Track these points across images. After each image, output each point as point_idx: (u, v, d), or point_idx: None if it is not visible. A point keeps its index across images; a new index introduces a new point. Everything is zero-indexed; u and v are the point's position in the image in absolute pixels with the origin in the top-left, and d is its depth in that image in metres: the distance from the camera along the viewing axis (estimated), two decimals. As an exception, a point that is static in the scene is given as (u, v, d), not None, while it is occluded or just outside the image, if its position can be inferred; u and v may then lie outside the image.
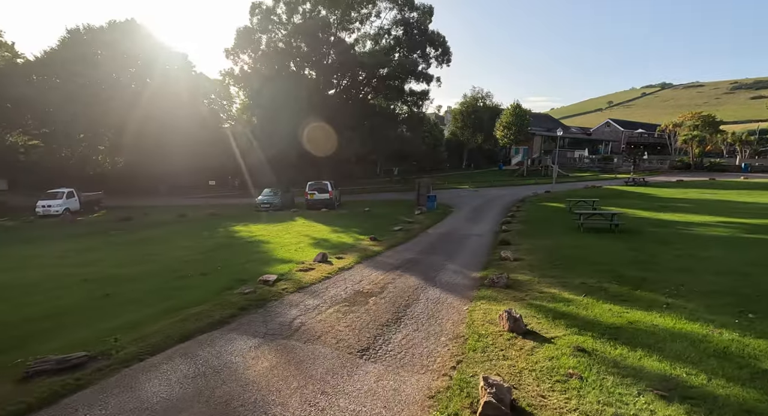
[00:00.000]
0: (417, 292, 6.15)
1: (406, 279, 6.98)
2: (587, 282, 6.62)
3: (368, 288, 6.26)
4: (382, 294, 5.91)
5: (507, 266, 8.09)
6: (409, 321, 4.84)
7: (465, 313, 5.18)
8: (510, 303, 5.40)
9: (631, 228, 12.96)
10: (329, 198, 21.75)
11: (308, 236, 12.99)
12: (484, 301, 5.57)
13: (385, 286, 6.42)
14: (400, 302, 5.60)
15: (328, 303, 5.34)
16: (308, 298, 5.57)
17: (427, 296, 5.98)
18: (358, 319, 4.74)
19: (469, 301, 5.73)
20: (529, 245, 10.77)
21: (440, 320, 4.93)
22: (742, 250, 9.33)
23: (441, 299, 5.86)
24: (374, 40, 31.28)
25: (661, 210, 17.31)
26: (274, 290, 5.74)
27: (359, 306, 5.27)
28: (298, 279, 6.52)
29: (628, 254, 9.13)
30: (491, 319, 4.70)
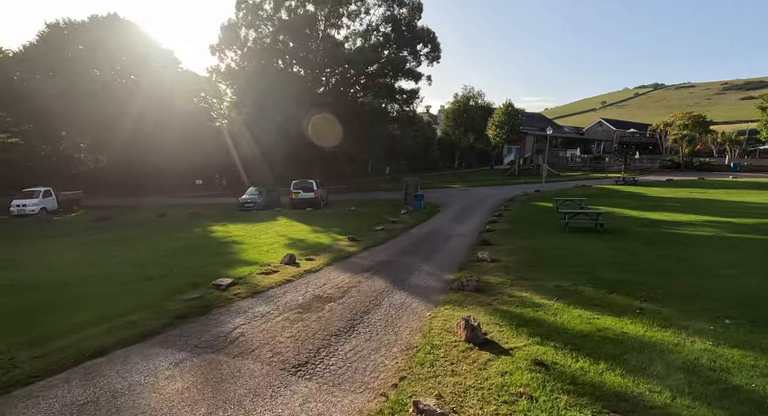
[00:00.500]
0: (381, 297, 5.78)
1: (374, 283, 6.61)
2: (562, 284, 6.30)
3: (330, 293, 5.88)
4: (342, 300, 5.53)
5: (482, 268, 7.76)
6: (363, 329, 4.46)
7: (426, 320, 4.82)
8: (475, 309, 5.05)
9: (616, 228, 12.72)
10: (314, 197, 21.31)
11: (285, 236, 12.57)
12: (449, 307, 5.21)
13: (349, 290, 6.04)
14: (360, 308, 5.22)
15: (279, 310, 4.94)
16: (259, 304, 5.17)
17: (391, 301, 5.61)
18: (307, 328, 4.35)
19: (434, 306, 5.37)
20: (511, 245, 10.47)
21: (398, 328, 4.56)
22: (726, 251, 9.09)
23: (405, 304, 5.49)
24: (364, 37, 30.88)
25: (649, 209, 17.12)
26: (225, 295, 5.33)
27: (312, 313, 4.89)
28: (255, 283, 6.11)
29: (609, 255, 8.85)
30: (450, 327, 4.34)
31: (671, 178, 32.79)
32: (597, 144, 59.11)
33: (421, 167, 47.48)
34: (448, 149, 48.91)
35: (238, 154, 32.53)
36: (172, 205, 24.61)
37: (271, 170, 31.36)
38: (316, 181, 21.79)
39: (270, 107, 28.24)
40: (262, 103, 28.85)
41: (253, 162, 32.12)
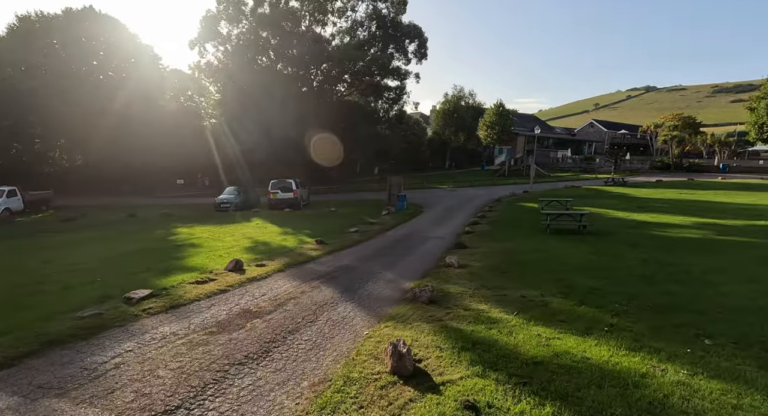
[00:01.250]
0: (321, 311, 5.05)
1: (320, 293, 5.88)
2: (529, 294, 5.62)
3: (262, 306, 5.13)
4: (272, 315, 4.79)
5: (447, 274, 7.07)
6: (279, 355, 3.73)
7: (360, 341, 4.10)
8: (419, 327, 4.34)
9: (600, 230, 12.16)
10: (293, 197, 20.52)
11: (251, 239, 11.79)
12: (390, 324, 4.50)
13: (286, 303, 5.30)
14: (288, 325, 4.49)
15: (187, 330, 4.18)
16: (168, 323, 4.41)
17: (330, 316, 4.88)
18: (207, 355, 3.60)
19: (378, 322, 4.66)
20: (487, 248, 9.81)
21: (322, 352, 3.84)
22: (711, 254, 8.52)
23: (345, 320, 4.77)
24: (349, 34, 30.15)
25: (636, 210, 16.62)
26: (131, 311, 4.56)
27: (226, 334, 4.14)
28: (180, 294, 5.35)
29: (588, 259, 8.22)
30: (380, 352, 3.63)
31: (661, 178, 32.50)
32: (588, 145, 58.99)
33: (411, 167, 46.83)
34: (439, 149, 48.33)
35: (221, 153, 31.60)
36: (147, 205, 23.67)
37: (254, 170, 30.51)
38: (295, 181, 21.01)
39: (253, 105, 27.41)
40: (244, 102, 28.00)
41: (236, 161, 31.21)
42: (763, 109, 28.98)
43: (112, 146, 30.48)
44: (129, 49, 31.17)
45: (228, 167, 32.29)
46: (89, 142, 30.03)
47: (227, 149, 30.72)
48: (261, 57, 28.72)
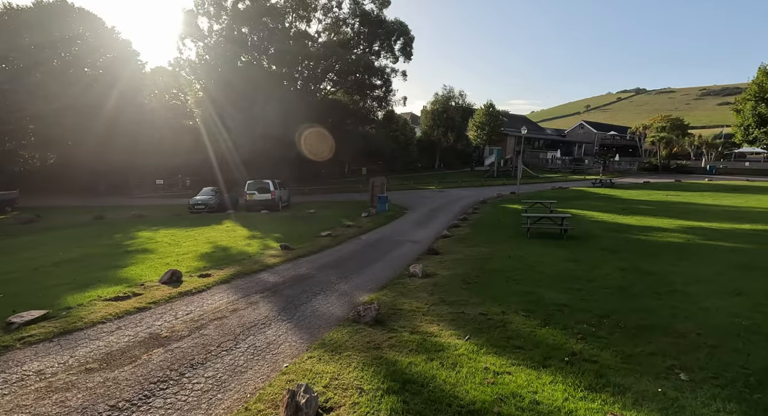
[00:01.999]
0: (246, 334, 4.34)
1: (255, 310, 5.16)
2: (490, 311, 4.99)
3: (177, 329, 4.40)
4: (181, 342, 4.07)
5: (408, 286, 6.41)
6: (162, 401, 3.01)
7: (273, 378, 3.41)
8: (350, 358, 3.66)
9: (583, 234, 11.63)
10: (271, 199, 19.71)
11: (212, 244, 11.02)
12: (317, 354, 3.81)
13: (208, 324, 4.58)
14: (195, 356, 3.77)
15: (60, 367, 3.42)
16: (43, 356, 3.64)
17: (255, 341, 4.17)
18: (57, 407, 2.86)
19: (305, 350, 3.97)
20: (460, 255, 9.20)
21: (220, 396, 3.13)
22: (694, 261, 8.00)
23: (270, 347, 4.07)
24: (334, 32, 29.41)
25: (621, 213, 16.18)
26: (3, 341, 3.80)
27: (106, 372, 3.39)
28: (82, 316, 4.59)
29: (564, 268, 7.63)
30: (283, 397, 2.94)
31: (648, 180, 32.35)
32: (578, 146, 59.06)
33: (400, 168, 46.20)
34: (429, 150, 47.75)
35: (202, 152, 30.61)
36: (120, 207, 22.64)
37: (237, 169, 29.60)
38: (273, 182, 20.20)
39: (235, 104, 26.52)
40: (226, 99, 27.09)
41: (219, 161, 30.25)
42: (748, 111, 28.96)
43: (87, 145, 29.34)
44: (106, 44, 30.03)
45: (209, 167, 31.30)
46: (62, 140, 28.84)
47: (209, 148, 29.75)
48: (243, 54, 27.82)
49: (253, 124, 25.67)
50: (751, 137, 29.26)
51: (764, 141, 28.87)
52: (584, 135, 61.88)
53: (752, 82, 28.86)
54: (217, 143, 27.92)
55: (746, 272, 7.18)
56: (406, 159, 46.06)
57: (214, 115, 27.92)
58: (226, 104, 26.92)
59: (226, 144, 26.71)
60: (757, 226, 12.19)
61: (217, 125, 27.04)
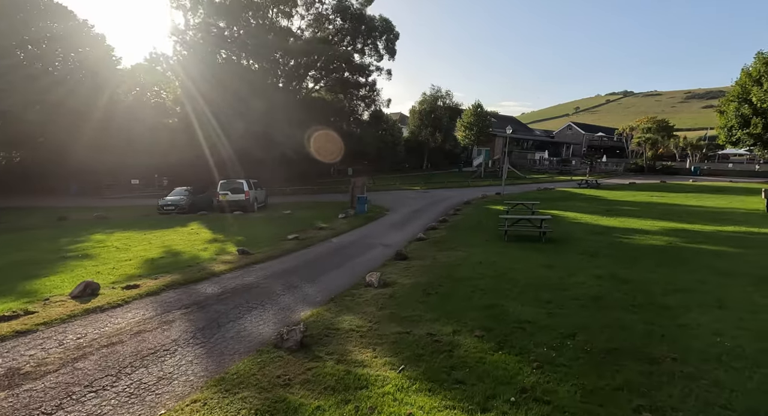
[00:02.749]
0: (137, 365, 3.58)
1: (164, 332, 4.40)
2: (441, 331, 4.32)
3: (49, 361, 3.60)
4: (44, 379, 3.27)
5: (358, 299, 5.71)
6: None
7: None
8: (244, 402, 2.94)
9: (563, 237, 11.10)
10: (245, 199, 18.84)
11: (165, 248, 10.17)
12: (206, 396, 3.08)
13: (92, 353, 3.79)
14: (47, 401, 2.99)
15: None
16: None
17: (144, 376, 3.42)
18: None
19: (200, 388, 3.22)
20: (429, 260, 8.54)
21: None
22: (675, 267, 7.47)
23: (160, 383, 3.31)
24: (317, 28, 28.62)
25: (604, 214, 15.75)
26: None
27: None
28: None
29: (537, 275, 7.02)
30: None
31: (634, 181, 32.26)
32: (566, 147, 59.19)
33: (388, 168, 45.56)
34: (416, 150, 47.21)
35: (180, 151, 29.51)
36: (88, 208, 21.43)
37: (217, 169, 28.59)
38: (247, 181, 19.33)
39: (214, 101, 25.53)
40: (205, 96, 26.07)
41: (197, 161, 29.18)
42: (731, 112, 29.00)
43: (57, 143, 28.02)
44: (78, 38, 28.73)
45: (187, 166, 30.22)
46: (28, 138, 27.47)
47: (187, 147, 28.66)
48: (222, 49, 26.84)
49: (232, 123, 24.74)
50: (735, 138, 29.34)
51: (747, 142, 28.96)
52: (572, 136, 62.10)
53: (735, 83, 28.94)
54: (195, 142, 26.85)
55: (729, 279, 6.66)
56: (394, 159, 45.44)
57: (192, 113, 26.88)
58: (204, 101, 25.92)
59: (204, 142, 25.68)
60: (740, 228, 11.82)
61: (195, 123, 26.00)
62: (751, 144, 29.43)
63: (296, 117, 27.50)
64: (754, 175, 37.31)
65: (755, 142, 28.57)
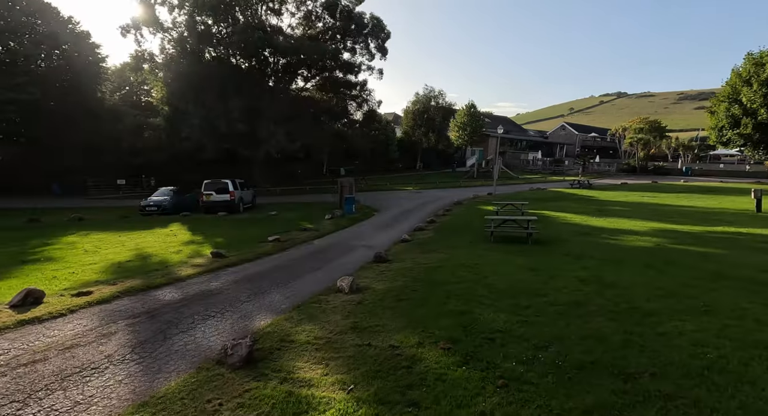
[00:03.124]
0: (56, 387, 3.18)
1: (102, 346, 4.01)
2: (405, 342, 3.98)
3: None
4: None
5: (324, 306, 5.35)
6: None
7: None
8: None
9: (550, 238, 10.83)
10: (230, 199, 18.40)
11: (137, 251, 9.74)
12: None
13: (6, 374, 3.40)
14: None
15: None
16: None
17: (58, 401, 3.02)
18: None
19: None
20: (409, 263, 8.22)
21: None
22: (661, 270, 7.21)
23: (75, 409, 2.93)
24: (307, 26, 28.21)
25: (595, 214, 15.54)
26: None
27: None
28: None
29: (518, 279, 6.71)
30: None
31: (626, 181, 32.22)
32: (560, 147, 59.27)
33: (381, 168, 45.26)
34: (410, 150, 46.94)
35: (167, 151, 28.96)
36: (67, 209, 20.82)
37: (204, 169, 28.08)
38: (233, 181, 18.90)
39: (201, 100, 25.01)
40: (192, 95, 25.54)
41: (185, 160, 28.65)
42: (722, 112, 29.06)
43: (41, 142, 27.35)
44: (62, 35, 28.08)
45: (175, 166, 29.68)
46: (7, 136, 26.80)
47: (174, 147, 28.12)
48: (208, 47, 26.31)
49: (220, 121, 24.23)
50: (725, 138, 29.39)
51: (737, 142, 29.03)
52: (566, 136, 62.21)
53: (726, 83, 29.00)
54: (183, 141, 26.31)
55: (716, 282, 6.40)
56: (387, 159, 45.14)
57: (179, 112, 26.32)
58: (191, 100, 25.38)
59: (192, 142, 25.13)
60: (730, 229, 11.63)
61: (182, 122, 25.44)
62: (741, 144, 29.51)
63: (285, 116, 27.06)
64: (744, 175, 37.49)
65: (745, 142, 28.64)
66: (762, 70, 25.89)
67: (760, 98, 25.55)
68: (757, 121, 26.17)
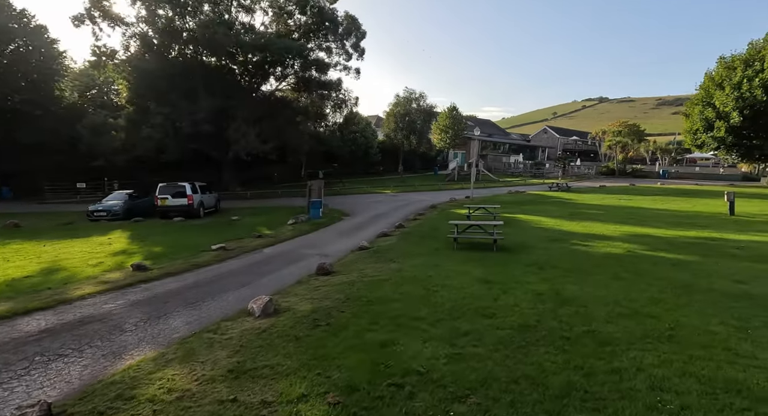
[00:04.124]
0: None
1: None
2: (285, 394, 3.04)
3: None
4: None
5: (218, 337, 4.37)
6: None
7: None
8: None
9: (517, 244, 10.10)
10: (187, 204, 17.15)
11: (52, 263, 8.53)
12: None
13: None
14: None
15: None
16: None
17: None
18: None
19: None
20: (355, 275, 7.31)
21: None
22: (629, 282, 6.50)
23: None
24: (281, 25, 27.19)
25: (568, 218, 14.97)
26: None
27: None
28: None
29: (468, 294, 5.88)
30: None
31: (604, 184, 32.15)
32: (542, 150, 59.56)
33: (361, 171, 44.37)
34: (391, 153, 46.19)
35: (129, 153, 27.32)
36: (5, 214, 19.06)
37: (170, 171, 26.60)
38: (191, 185, 17.65)
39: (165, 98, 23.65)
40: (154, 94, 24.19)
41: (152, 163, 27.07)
42: (696, 115, 29.26)
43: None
44: (14, 30, 26.30)
45: (140, 169, 28.08)
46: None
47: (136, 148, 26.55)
48: (173, 43, 24.97)
49: (186, 121, 22.90)
50: (699, 141, 29.58)
51: (711, 145, 29.23)
52: (548, 139, 62.65)
53: (700, 87, 29.24)
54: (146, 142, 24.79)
55: (686, 296, 5.70)
56: (368, 162, 44.28)
57: (142, 111, 24.86)
58: (154, 99, 24.00)
59: (152, 142, 23.67)
60: (702, 233, 11.13)
61: (144, 122, 23.98)
62: (715, 147, 29.76)
63: (257, 117, 25.92)
64: (718, 178, 38.06)
65: (719, 145, 28.86)
66: (734, 74, 26.12)
67: (732, 101, 25.74)
68: (729, 124, 26.34)
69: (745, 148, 28.37)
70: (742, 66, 26.02)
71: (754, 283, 6.38)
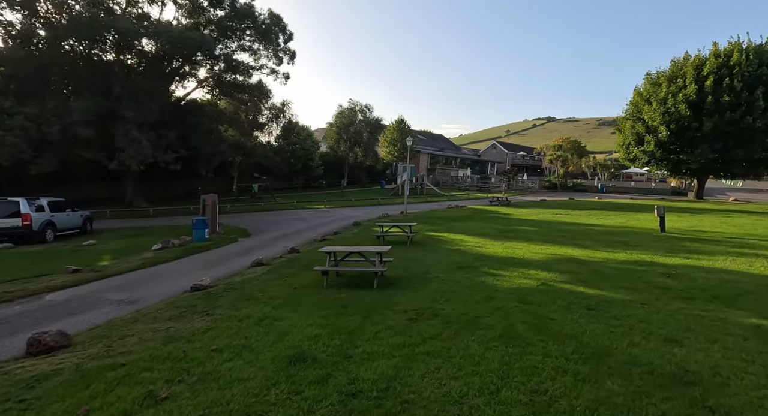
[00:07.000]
0: None
1: None
2: None
3: None
4: None
5: None
6: None
7: None
8: None
9: (411, 276, 7.75)
10: (20, 226, 13.13)
11: None
12: None
13: None
14: None
15: None
16: None
17: None
18: None
19: None
20: (101, 350, 4.34)
21: None
22: (519, 345, 4.10)
23: None
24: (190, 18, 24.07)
25: (496, 236, 13.03)
26: None
27: None
28: None
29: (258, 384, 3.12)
30: None
31: (545, 198, 31.74)
32: (491, 165, 60.17)
33: (302, 185, 41.28)
34: (336, 166, 43.68)
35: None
36: None
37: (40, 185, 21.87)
38: (27, 201, 13.65)
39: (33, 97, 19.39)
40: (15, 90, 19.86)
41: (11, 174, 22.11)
42: (628, 130, 29.90)
43: None
44: None
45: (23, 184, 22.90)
46: None
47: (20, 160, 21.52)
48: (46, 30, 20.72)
49: (55, 125, 18.73)
50: (632, 156, 30.17)
51: (642, 159, 29.87)
52: (497, 155, 63.66)
53: (630, 102, 30.03)
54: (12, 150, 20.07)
55: (587, 386, 3.39)
56: (309, 175, 41.35)
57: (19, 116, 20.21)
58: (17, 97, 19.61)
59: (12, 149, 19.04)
60: (632, 256, 9.46)
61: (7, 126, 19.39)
62: (646, 161, 30.43)
63: (161, 122, 22.23)
64: (650, 192, 39.61)
65: (649, 159, 29.50)
66: (659, 89, 26.88)
67: (659, 116, 26.33)
68: (658, 138, 26.88)
69: (672, 163, 29.17)
70: (666, 82, 26.82)
71: (690, 344, 4.32)
